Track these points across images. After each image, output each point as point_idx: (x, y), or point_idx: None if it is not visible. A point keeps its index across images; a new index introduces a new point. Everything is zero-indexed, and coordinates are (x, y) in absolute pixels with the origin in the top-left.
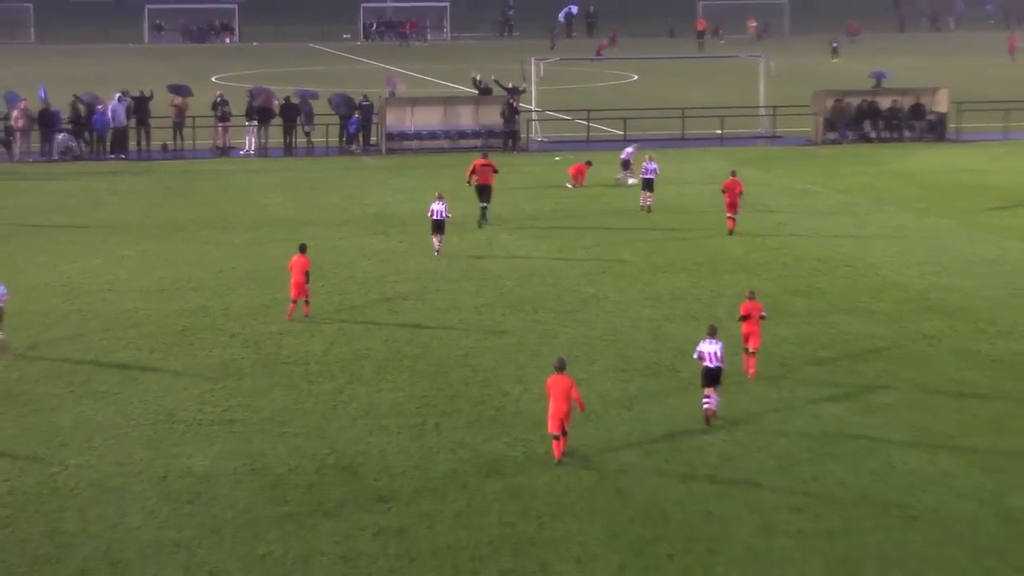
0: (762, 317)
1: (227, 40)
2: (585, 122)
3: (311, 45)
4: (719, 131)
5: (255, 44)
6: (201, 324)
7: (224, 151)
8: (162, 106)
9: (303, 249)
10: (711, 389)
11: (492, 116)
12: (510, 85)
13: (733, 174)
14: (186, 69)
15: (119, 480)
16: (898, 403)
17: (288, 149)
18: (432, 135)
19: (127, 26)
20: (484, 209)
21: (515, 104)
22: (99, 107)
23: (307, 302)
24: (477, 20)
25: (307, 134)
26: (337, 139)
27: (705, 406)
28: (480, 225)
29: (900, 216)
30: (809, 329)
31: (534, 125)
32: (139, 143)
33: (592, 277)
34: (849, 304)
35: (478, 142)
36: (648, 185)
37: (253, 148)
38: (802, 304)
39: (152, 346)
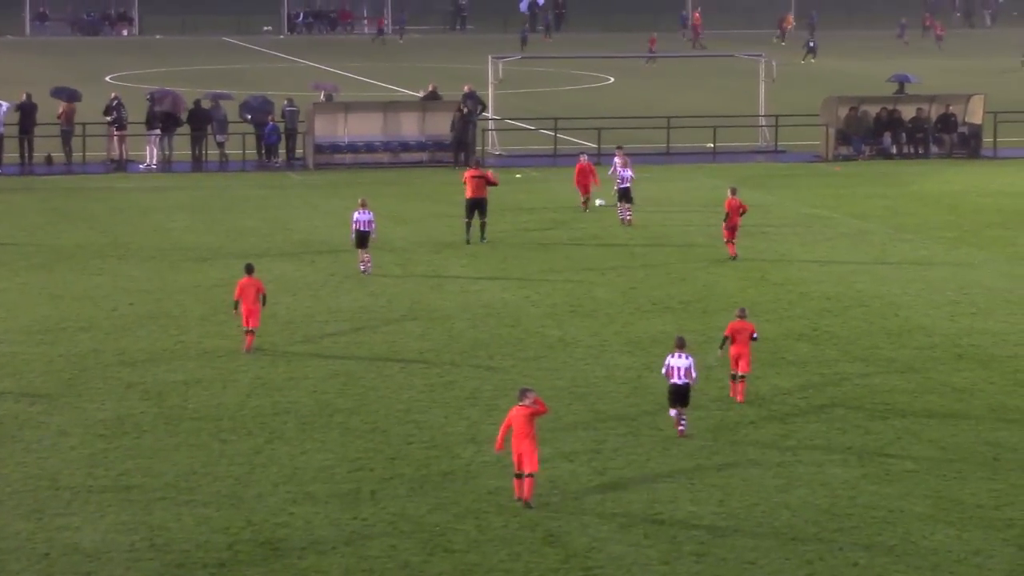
0: (753, 339)
1: (124, 33)
2: (552, 132)
3: (225, 39)
4: (711, 144)
5: (158, 37)
6: (92, 372)
7: (120, 165)
8: (45, 112)
9: (250, 270)
10: (680, 409)
11: (441, 125)
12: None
13: (733, 192)
14: (75, 67)
15: None
16: (920, 469)
17: (197, 163)
18: (370, 147)
19: (3, 15)
20: (483, 226)
21: (466, 111)
22: None
23: (252, 332)
24: (425, 11)
25: (220, 145)
26: (255, 151)
27: (679, 428)
28: (469, 241)
29: (925, 246)
30: (816, 380)
31: (491, 136)
32: (21, 155)
33: (559, 317)
34: (863, 351)
35: (424, 155)
36: (625, 195)
37: (155, 161)
38: (808, 350)
39: (33, 397)
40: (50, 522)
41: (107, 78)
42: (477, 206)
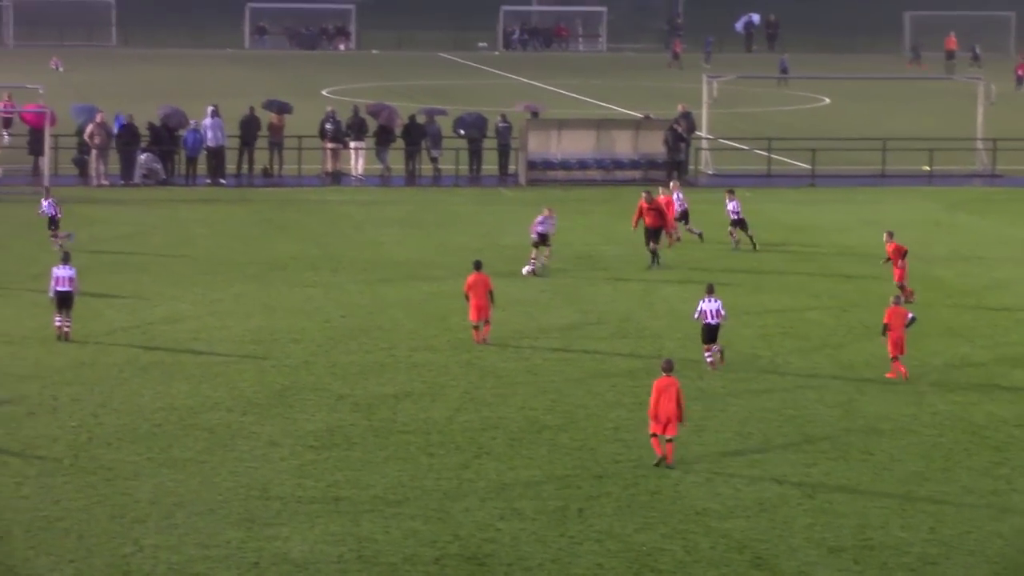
0: (911, 321)
1: (341, 47)
2: (765, 153)
3: (440, 55)
4: (927, 167)
5: (374, 52)
6: (303, 383)
7: (335, 178)
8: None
9: (479, 266)
10: (712, 345)
11: (654, 143)
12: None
13: (890, 236)
14: (292, 80)
15: (203, 565)
16: None
17: (411, 177)
18: (582, 164)
19: (225, 28)
20: (653, 252)
21: (680, 130)
22: (192, 123)
23: (487, 322)
24: (639, 29)
25: (433, 160)
26: (468, 166)
27: (708, 359)
28: (649, 267)
29: None
30: None
31: (704, 155)
32: (239, 167)
33: (770, 339)
34: None
35: (637, 173)
36: (740, 224)
37: (366, 175)
38: (1023, 377)
39: (245, 407)
40: (260, 531)
41: (323, 91)
42: (654, 235)
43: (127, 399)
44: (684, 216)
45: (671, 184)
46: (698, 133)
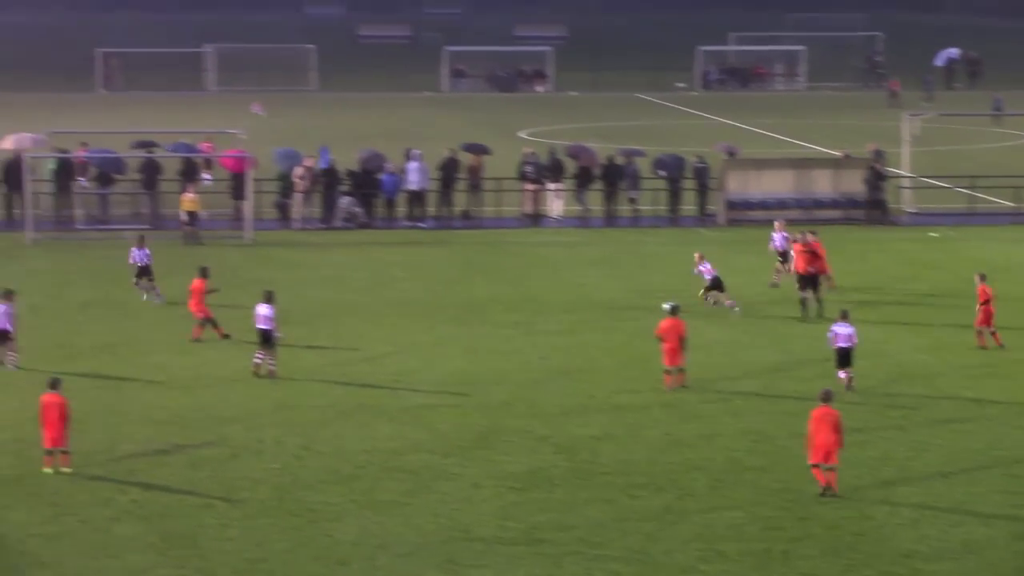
0: None
1: (539, 89)
2: (968, 191)
3: (638, 95)
4: None
5: (572, 93)
6: (505, 425)
7: (534, 219)
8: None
9: (674, 311)
10: (846, 370)
11: (854, 183)
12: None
13: (983, 278)
14: (489, 122)
15: None
16: None
17: (609, 218)
18: (781, 204)
19: (423, 72)
20: (819, 302)
21: (880, 169)
22: (388, 166)
23: (681, 370)
24: (838, 67)
25: (632, 200)
26: (666, 206)
27: (843, 377)
28: (803, 319)
29: None
30: None
31: (905, 194)
32: (439, 209)
33: (975, 379)
34: None
35: (837, 213)
36: (784, 256)
37: (561, 215)
38: None
39: (447, 449)
40: (462, 573)
41: (521, 133)
42: (811, 281)
43: (330, 441)
44: (784, 256)
45: (775, 223)
46: (899, 171)
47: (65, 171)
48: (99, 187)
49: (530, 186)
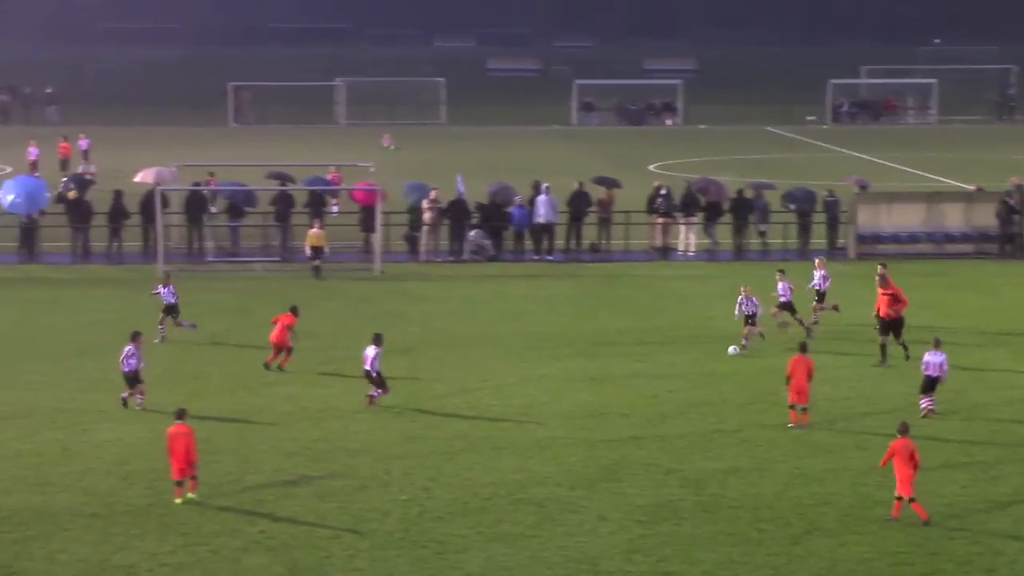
0: None
1: (668, 122)
2: None
3: (768, 128)
4: None
5: (702, 127)
6: (632, 458)
7: (663, 253)
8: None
9: (803, 348)
10: (929, 396)
11: (986, 216)
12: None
13: None
14: (618, 155)
15: None
16: None
17: (739, 251)
18: (912, 238)
19: (552, 105)
20: (903, 346)
21: (1012, 203)
22: (517, 199)
23: (805, 409)
24: (970, 100)
25: (761, 234)
26: (796, 239)
27: (927, 406)
28: (880, 365)
29: None
30: None
31: None
32: (568, 242)
33: None
34: None
35: (969, 247)
36: (821, 297)
37: (692, 249)
38: None
39: (573, 482)
40: None
41: (650, 166)
42: (892, 327)
43: (457, 473)
44: (821, 297)
45: (816, 260)
46: None
47: (195, 203)
48: (230, 219)
49: (659, 219)
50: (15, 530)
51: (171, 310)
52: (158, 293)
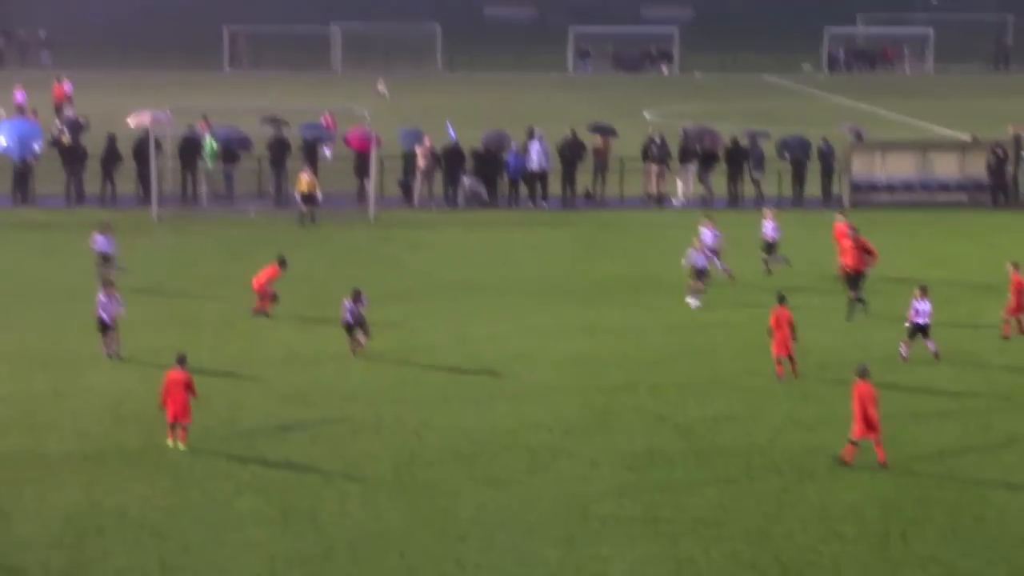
0: None
1: (664, 69)
2: None
3: (764, 76)
4: None
5: (697, 75)
6: (624, 404)
7: (657, 200)
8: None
9: (782, 300)
10: (929, 341)
11: (980, 166)
12: None
13: (1016, 267)
14: (613, 103)
15: None
16: None
17: (733, 199)
18: (907, 187)
19: (549, 52)
20: (857, 302)
21: (1002, 153)
22: (512, 146)
23: (792, 359)
24: (966, 50)
25: (755, 182)
26: (791, 188)
27: (933, 348)
28: (848, 319)
29: None
30: None
31: None
32: (563, 190)
33: None
34: None
35: (963, 196)
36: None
37: (687, 197)
38: None
39: (566, 428)
40: (580, 551)
41: (645, 114)
42: (855, 281)
43: (449, 419)
44: (770, 248)
45: (764, 210)
46: None
47: (190, 148)
48: (223, 164)
49: (654, 166)
50: (6, 472)
51: (106, 259)
52: (97, 248)
